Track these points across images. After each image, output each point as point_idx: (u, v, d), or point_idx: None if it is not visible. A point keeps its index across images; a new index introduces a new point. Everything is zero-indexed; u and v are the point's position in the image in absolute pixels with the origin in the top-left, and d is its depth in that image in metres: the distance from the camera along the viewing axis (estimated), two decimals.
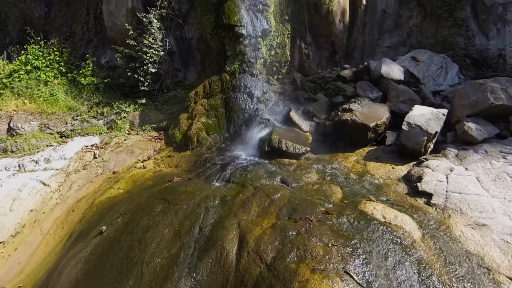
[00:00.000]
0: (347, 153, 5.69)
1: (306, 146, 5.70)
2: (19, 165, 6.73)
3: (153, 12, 8.06)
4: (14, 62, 8.40)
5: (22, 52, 8.46)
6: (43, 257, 5.04)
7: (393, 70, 7.12)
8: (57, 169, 6.70)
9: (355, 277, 2.86)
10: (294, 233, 3.36)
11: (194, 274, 3.31)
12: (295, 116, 6.42)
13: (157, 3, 8.14)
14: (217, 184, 4.81)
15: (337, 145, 6.02)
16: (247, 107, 6.92)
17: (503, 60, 8.42)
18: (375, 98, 6.71)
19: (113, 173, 6.29)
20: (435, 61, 7.80)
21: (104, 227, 4.38)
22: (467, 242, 3.35)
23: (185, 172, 5.62)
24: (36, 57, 8.38)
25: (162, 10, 8.18)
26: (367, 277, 2.90)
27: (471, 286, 2.87)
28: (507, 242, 3.30)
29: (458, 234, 3.46)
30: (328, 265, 2.93)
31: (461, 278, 2.96)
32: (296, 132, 6.16)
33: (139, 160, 6.75)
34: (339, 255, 3.05)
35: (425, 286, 2.88)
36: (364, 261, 3.03)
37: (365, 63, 7.82)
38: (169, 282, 3.30)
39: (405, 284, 2.89)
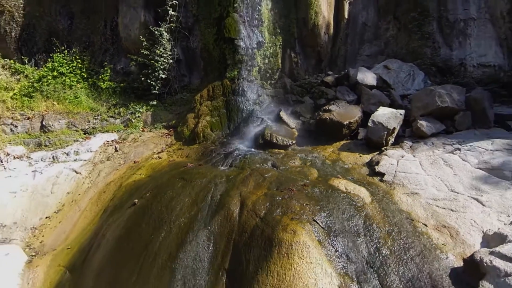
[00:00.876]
0: (326, 146, 7.11)
1: (292, 140, 7.12)
2: (53, 157, 8.06)
3: (164, 25, 9.43)
4: (42, 68, 9.73)
5: (49, 59, 9.79)
6: (83, 227, 6.38)
7: (367, 77, 8.55)
8: (85, 160, 8.04)
9: (320, 223, 4.26)
10: (280, 198, 4.76)
11: (209, 227, 4.70)
12: (284, 115, 7.83)
13: (167, 18, 9.51)
14: (223, 168, 6.21)
15: (318, 139, 7.42)
16: (245, 108, 8.32)
17: (464, 68, 9.90)
18: (351, 101, 8.13)
19: (134, 162, 7.65)
20: (404, 69, 9.26)
21: (136, 200, 5.75)
22: (402, 204, 4.77)
23: (195, 161, 7.01)
24: (61, 64, 9.72)
25: (171, 24, 9.55)
26: (328, 224, 4.30)
27: (398, 229, 4.29)
28: (429, 204, 4.72)
29: (397, 199, 4.88)
30: (302, 216, 4.33)
31: (393, 224, 4.37)
32: (285, 128, 7.57)
33: (154, 152, 8.11)
34: (310, 210, 4.45)
35: (367, 229, 4.29)
36: (327, 214, 4.43)
37: (345, 71, 9.25)
38: (191, 233, 4.68)
39: (354, 228, 4.30)
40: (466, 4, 9.90)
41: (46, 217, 6.78)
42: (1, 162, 7.53)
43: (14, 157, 7.88)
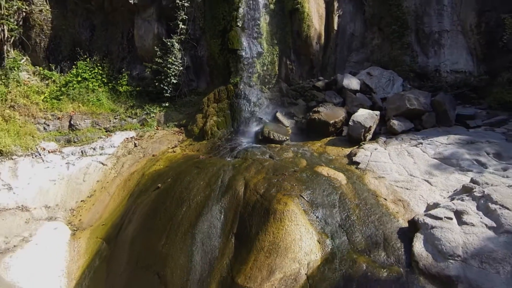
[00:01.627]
0: (315, 141, 8.51)
1: (287, 136, 8.52)
2: (81, 151, 9.43)
3: (175, 37, 10.81)
4: (67, 74, 11.08)
5: (73, 66, 11.15)
6: (113, 208, 7.76)
7: (352, 82, 9.96)
8: (109, 154, 9.42)
9: (305, 198, 5.65)
10: (275, 180, 6.15)
11: (220, 203, 6.09)
12: (280, 116, 9.24)
13: (177, 30, 10.89)
14: (229, 159, 7.60)
15: (309, 136, 8.81)
16: (246, 109, 9.71)
17: (438, 74, 11.31)
18: (338, 103, 9.53)
19: (153, 155, 9.04)
20: (384, 75, 10.66)
21: (159, 184, 7.14)
22: (370, 185, 6.17)
23: (205, 154, 8.40)
24: (84, 71, 11.08)
25: (181, 36, 10.93)
26: (312, 199, 5.69)
27: (364, 202, 5.68)
28: (391, 184, 6.12)
29: (366, 181, 6.28)
30: (292, 192, 5.72)
31: (361, 199, 5.76)
32: (280, 127, 8.97)
33: (169, 147, 9.50)
34: (298, 189, 5.85)
35: (341, 202, 5.69)
36: (311, 192, 5.82)
37: (334, 76, 10.65)
38: (206, 208, 6.06)
39: (331, 202, 5.69)
40: (440, 18, 11.31)
41: (81, 201, 8.16)
42: (40, 155, 8.90)
43: (49, 152, 9.26)
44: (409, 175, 6.34)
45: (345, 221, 5.36)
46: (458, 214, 4.61)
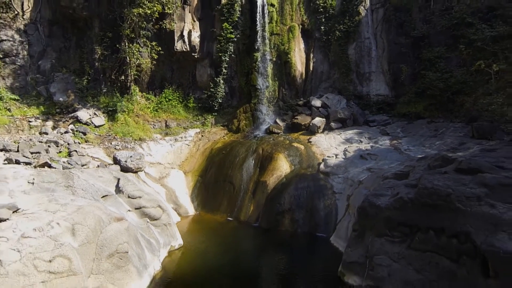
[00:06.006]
0: (294, 133, 17.97)
1: (281, 131, 17.98)
2: (175, 139, 18.91)
3: (220, 76, 20.28)
4: (159, 96, 20.57)
5: (162, 92, 20.64)
6: (199, 164, 17.24)
7: (317, 102, 19.36)
8: (189, 140, 18.89)
9: (286, 153, 15.10)
10: (274, 147, 15.63)
11: (252, 156, 15.57)
12: (278, 120, 18.71)
13: (221, 72, 20.34)
14: (253, 140, 17.09)
15: (292, 130, 18.28)
16: (260, 117, 19.19)
17: (368, 96, 20.67)
18: (308, 114, 18.93)
19: (214, 141, 18.50)
20: (335, 98, 20.04)
21: (223, 152, 16.59)
22: (313, 149, 15.60)
23: (241, 139, 17.88)
24: (168, 95, 20.57)
25: (224, 76, 20.40)
26: (289, 153, 15.14)
27: (308, 155, 15.10)
28: (321, 149, 15.54)
29: (312, 148, 15.72)
30: (281, 151, 15.20)
31: (308, 155, 15.17)
32: (278, 125, 18.44)
33: (220, 136, 18.95)
34: (283, 150, 15.31)
35: (300, 155, 15.12)
36: (288, 151, 15.28)
37: (308, 99, 20.04)
38: (246, 158, 15.56)
39: (296, 154, 15.12)
40: (370, 65, 20.67)
41: (182, 161, 17.63)
42: (157, 140, 18.37)
43: (158, 139, 18.73)
44: (330, 146, 15.73)
45: (300, 160, 14.76)
46: (340, 155, 14.02)
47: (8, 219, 7.03)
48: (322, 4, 20.71)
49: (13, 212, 7.31)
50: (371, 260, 7.60)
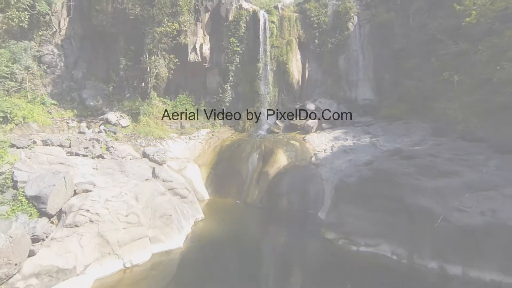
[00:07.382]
0: (291, 132, 21.36)
1: (280, 130, 21.37)
2: (189, 138, 22.29)
3: (227, 84, 23.65)
4: (174, 101, 23.94)
5: (177, 97, 23.99)
6: (211, 159, 20.64)
7: (311, 106, 22.73)
8: (202, 138, 22.28)
9: (284, 149, 18.49)
10: (275, 144, 19.00)
11: (255, 152, 18.94)
12: (278, 121, 22.11)
13: (228, 80, 23.71)
14: (257, 138, 20.47)
15: (290, 130, 21.67)
16: (262, 119, 22.57)
17: (356, 100, 24.03)
18: (304, 116, 22.29)
19: (223, 139, 21.87)
20: (327, 102, 23.39)
21: (232, 148, 19.96)
22: (306, 145, 18.97)
23: (247, 137, 21.27)
24: (182, 99, 23.94)
25: (230, 83, 23.76)
26: (286, 149, 18.52)
27: (303, 150, 18.47)
28: (313, 145, 18.90)
29: (306, 145, 19.09)
30: (280, 147, 18.58)
31: (302, 150, 18.55)
32: (278, 126, 21.83)
33: (229, 135, 22.34)
34: (282, 146, 18.70)
35: (295, 150, 18.50)
36: (286, 147, 18.67)
37: (303, 103, 23.41)
38: (250, 154, 18.96)
39: (292, 150, 18.50)
40: (357, 73, 24.04)
41: (196, 157, 21.01)
42: (174, 139, 21.72)
43: (175, 138, 22.08)
44: (321, 143, 19.10)
45: (295, 154, 18.13)
46: (328, 150, 17.40)
47: (92, 191, 10.41)
48: (316, 21, 24.14)
49: (94, 186, 10.69)
50: (342, 220, 10.99)
